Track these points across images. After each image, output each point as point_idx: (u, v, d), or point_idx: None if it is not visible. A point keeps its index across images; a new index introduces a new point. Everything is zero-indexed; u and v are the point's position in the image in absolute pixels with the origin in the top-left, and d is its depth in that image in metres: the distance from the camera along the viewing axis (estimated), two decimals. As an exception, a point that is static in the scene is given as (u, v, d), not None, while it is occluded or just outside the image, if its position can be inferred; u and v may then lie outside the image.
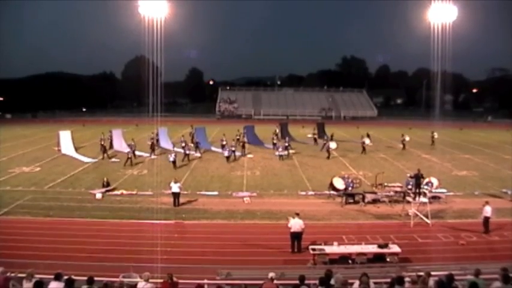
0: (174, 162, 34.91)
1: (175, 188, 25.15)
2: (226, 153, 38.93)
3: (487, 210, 20.79)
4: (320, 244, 17.81)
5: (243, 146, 43.21)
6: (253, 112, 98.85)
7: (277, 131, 52.59)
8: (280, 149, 40.74)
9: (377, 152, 44.06)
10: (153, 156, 39.71)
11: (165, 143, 45.19)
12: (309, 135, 55.94)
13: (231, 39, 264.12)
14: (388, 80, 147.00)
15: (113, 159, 39.24)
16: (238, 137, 48.28)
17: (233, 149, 40.13)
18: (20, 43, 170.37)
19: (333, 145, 41.61)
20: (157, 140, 43.78)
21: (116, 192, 28.10)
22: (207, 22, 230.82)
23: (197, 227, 22.11)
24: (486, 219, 20.89)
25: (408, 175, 25.81)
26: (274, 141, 46.02)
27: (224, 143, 42.27)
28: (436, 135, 49.71)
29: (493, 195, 28.01)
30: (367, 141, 45.07)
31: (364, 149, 43.84)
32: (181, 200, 25.54)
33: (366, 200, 25.83)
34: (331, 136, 49.01)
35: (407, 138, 47.23)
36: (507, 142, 54.00)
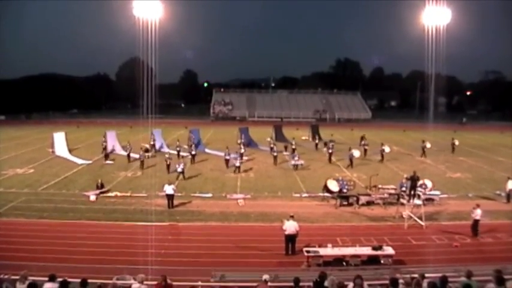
0: (182, 172, 32.54)
1: (169, 190, 25.13)
2: (237, 163, 35.45)
3: (477, 213, 20.85)
4: (314, 246, 17.79)
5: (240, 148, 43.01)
6: (247, 114, 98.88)
7: (273, 136, 52.38)
8: (296, 158, 37.27)
9: (371, 154, 43.92)
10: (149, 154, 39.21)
11: (159, 144, 45.07)
12: (304, 138, 56.10)
13: (226, 41, 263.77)
14: (382, 82, 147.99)
15: (107, 161, 39.12)
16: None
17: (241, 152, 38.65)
18: (13, 44, 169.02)
19: (356, 153, 38.89)
20: (153, 144, 43.76)
21: (109, 194, 28.02)
22: (201, 24, 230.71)
23: (191, 229, 22.06)
24: (476, 222, 20.94)
25: (405, 176, 25.83)
26: (293, 147, 42.46)
27: (242, 151, 39.80)
28: (456, 142, 47.37)
29: (486, 197, 28.22)
30: (387, 149, 41.93)
31: (382, 157, 41.34)
32: (175, 202, 25.52)
33: (360, 202, 25.88)
34: (329, 140, 48.97)
35: (428, 145, 43.83)
36: (501, 144, 54.35)
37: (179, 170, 32.62)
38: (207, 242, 19.95)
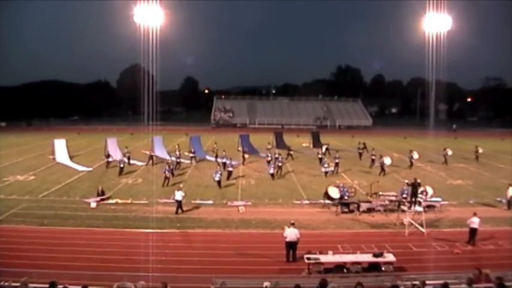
0: (219, 182, 32.03)
1: (178, 195, 25.22)
2: (271, 170, 35.68)
3: (475, 221, 20.73)
4: (315, 253, 17.79)
5: (243, 156, 42.99)
6: (248, 121, 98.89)
7: (273, 143, 52.30)
8: (326, 165, 37.08)
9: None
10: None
11: (160, 151, 45.01)
12: (304, 145, 56.10)
13: (227, 48, 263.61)
14: (383, 89, 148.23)
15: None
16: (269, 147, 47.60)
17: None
18: (14, 51, 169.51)
19: (387, 161, 38.18)
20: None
21: (110, 201, 27.98)
22: (202, 31, 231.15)
23: (192, 236, 22.04)
24: (473, 230, 20.79)
25: (406, 181, 25.80)
26: (320, 156, 42.10)
27: (277, 156, 39.46)
28: (480, 150, 46.56)
29: (487, 204, 28.21)
30: (415, 155, 41.29)
31: (411, 163, 40.98)
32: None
33: (361, 209, 25.85)
34: (327, 146, 49.02)
35: (449, 153, 43.61)
36: (501, 151, 54.24)
37: (216, 178, 32.00)
38: (207, 249, 19.91)
